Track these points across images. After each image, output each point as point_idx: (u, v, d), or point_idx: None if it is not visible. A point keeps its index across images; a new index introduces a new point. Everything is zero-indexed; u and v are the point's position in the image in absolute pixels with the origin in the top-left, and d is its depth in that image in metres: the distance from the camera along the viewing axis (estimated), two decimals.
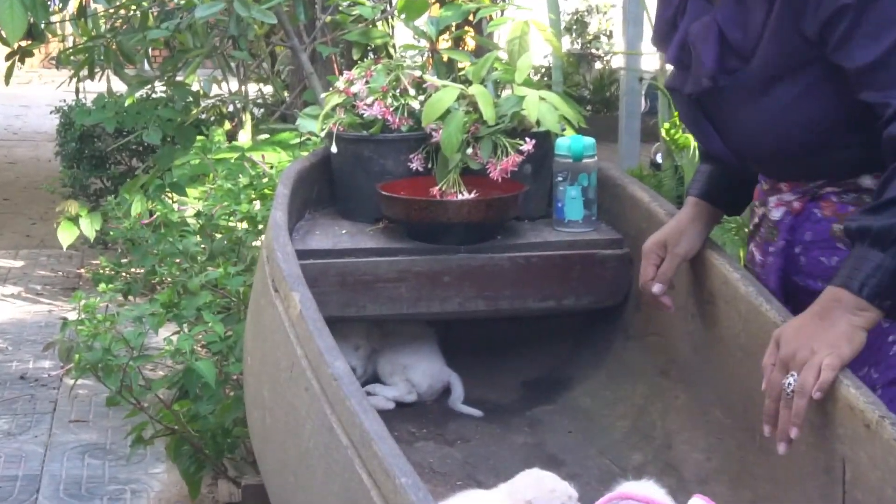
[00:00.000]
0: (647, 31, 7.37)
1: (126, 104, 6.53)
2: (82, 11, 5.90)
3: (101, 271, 4.04)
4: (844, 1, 2.12)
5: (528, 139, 2.98)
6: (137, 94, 6.40)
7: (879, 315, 2.12)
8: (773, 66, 2.25)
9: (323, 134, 3.17)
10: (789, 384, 2.12)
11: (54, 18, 6.38)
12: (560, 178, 3.00)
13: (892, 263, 2.08)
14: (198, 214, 3.96)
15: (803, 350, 2.12)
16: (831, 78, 2.21)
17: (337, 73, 5.50)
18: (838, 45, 2.15)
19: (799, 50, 2.22)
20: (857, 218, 2.14)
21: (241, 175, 4.11)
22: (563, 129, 3.10)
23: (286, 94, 6.44)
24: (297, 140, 4.63)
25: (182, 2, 5.16)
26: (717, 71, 2.35)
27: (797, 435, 2.11)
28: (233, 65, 6.20)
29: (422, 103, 3.09)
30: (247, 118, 5.87)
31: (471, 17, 4.11)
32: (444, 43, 4.34)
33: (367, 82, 3.16)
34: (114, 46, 5.56)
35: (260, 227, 3.76)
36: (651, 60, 7.78)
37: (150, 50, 6.19)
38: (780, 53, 2.24)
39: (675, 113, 5.01)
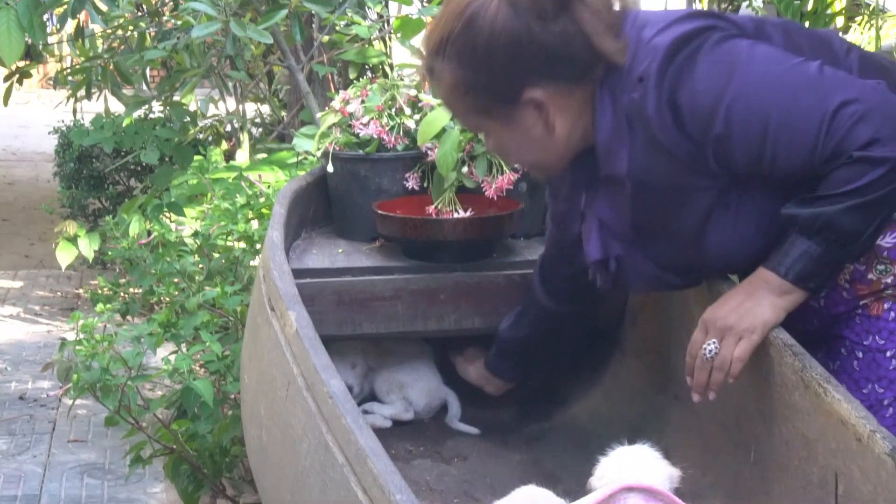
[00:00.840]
0: None
1: (124, 124, 6.54)
2: (80, 32, 5.91)
3: (100, 291, 4.04)
4: (713, 134, 2.25)
5: None
6: (135, 115, 6.41)
7: (803, 296, 2.31)
8: (708, 204, 2.36)
9: (319, 153, 3.19)
10: (710, 350, 2.35)
11: (52, 39, 6.39)
12: None
13: (817, 250, 2.26)
14: (195, 234, 3.97)
15: (727, 322, 2.33)
16: (756, 190, 2.34)
17: (333, 92, 5.52)
18: (739, 161, 2.28)
19: (708, 189, 2.34)
20: (790, 206, 2.28)
21: (238, 195, 4.12)
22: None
23: (283, 113, 6.45)
24: (294, 159, 4.64)
25: (179, 22, 5.17)
26: (603, 261, 2.51)
27: (713, 398, 2.39)
28: (230, 84, 6.22)
29: (417, 122, 3.10)
30: (244, 138, 5.88)
31: None
32: None
33: (362, 101, 3.17)
34: (111, 67, 5.56)
35: (257, 246, 3.76)
36: None
37: (147, 70, 6.21)
38: (708, 197, 2.35)
39: None
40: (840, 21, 5.99)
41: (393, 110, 3.15)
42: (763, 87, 2.24)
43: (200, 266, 3.89)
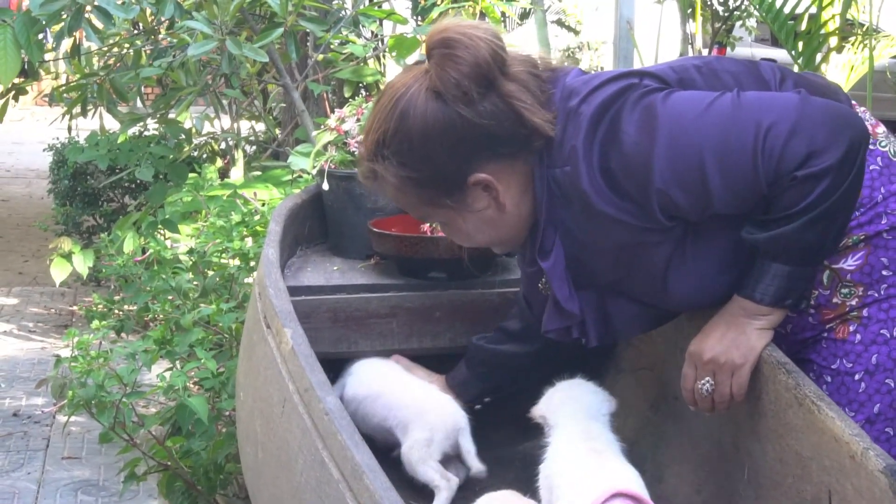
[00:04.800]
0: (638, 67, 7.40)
1: (119, 141, 6.55)
2: (76, 49, 5.92)
3: (95, 308, 4.05)
4: (654, 188, 2.26)
5: None
6: (130, 132, 6.42)
7: (784, 314, 2.34)
8: (665, 257, 2.37)
9: (314, 171, 3.20)
10: (706, 389, 2.38)
11: (47, 56, 6.40)
12: None
13: (783, 270, 2.27)
14: (190, 251, 3.97)
15: (714, 356, 2.36)
16: (711, 232, 2.35)
17: (328, 110, 5.53)
18: (684, 208, 2.29)
19: (664, 241, 2.35)
20: (751, 231, 2.29)
21: (233, 212, 4.13)
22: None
23: (278, 131, 6.46)
24: (289, 177, 4.65)
25: (174, 40, 5.19)
26: (566, 331, 2.54)
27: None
28: (225, 102, 6.23)
29: None
30: (239, 155, 5.89)
31: None
32: None
33: (358, 120, 3.18)
34: (107, 84, 5.57)
35: (252, 263, 3.77)
36: None
37: (142, 88, 6.22)
38: (665, 249, 2.36)
39: None
40: (833, 41, 6.01)
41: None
42: (687, 133, 2.24)
43: (195, 283, 3.90)
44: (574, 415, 2.38)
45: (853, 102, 2.49)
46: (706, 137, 2.23)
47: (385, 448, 2.77)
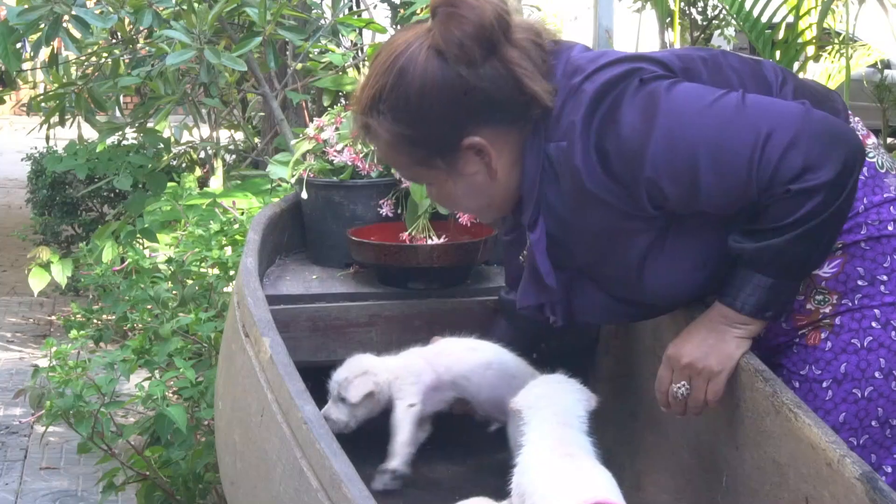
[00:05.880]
0: None
1: (97, 151, 6.53)
2: (54, 59, 5.91)
3: (73, 318, 4.04)
4: (644, 177, 2.26)
5: None
6: (109, 141, 6.40)
7: (763, 325, 2.34)
8: (646, 245, 2.37)
9: (293, 180, 3.20)
10: (681, 393, 2.38)
11: (25, 66, 6.39)
12: None
13: (766, 281, 2.28)
14: (169, 261, 3.97)
15: (692, 360, 2.36)
16: (693, 227, 2.36)
17: (307, 119, 5.53)
18: (672, 200, 2.28)
19: (645, 231, 2.36)
20: (738, 239, 2.29)
21: (212, 221, 4.13)
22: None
23: (257, 140, 6.46)
24: (268, 186, 4.65)
25: (153, 49, 5.18)
26: (538, 308, 2.53)
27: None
28: (204, 111, 6.23)
29: None
30: (218, 164, 5.89)
31: None
32: None
33: (336, 129, 3.19)
34: (85, 93, 5.56)
35: (231, 273, 3.77)
36: None
37: (121, 97, 6.21)
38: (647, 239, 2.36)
39: None
40: (811, 50, 6.04)
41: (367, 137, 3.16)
42: (686, 126, 2.24)
43: (174, 293, 3.89)
44: (549, 417, 2.38)
45: (849, 112, 2.49)
46: (705, 134, 2.23)
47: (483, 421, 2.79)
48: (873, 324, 2.38)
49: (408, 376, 2.67)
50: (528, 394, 2.45)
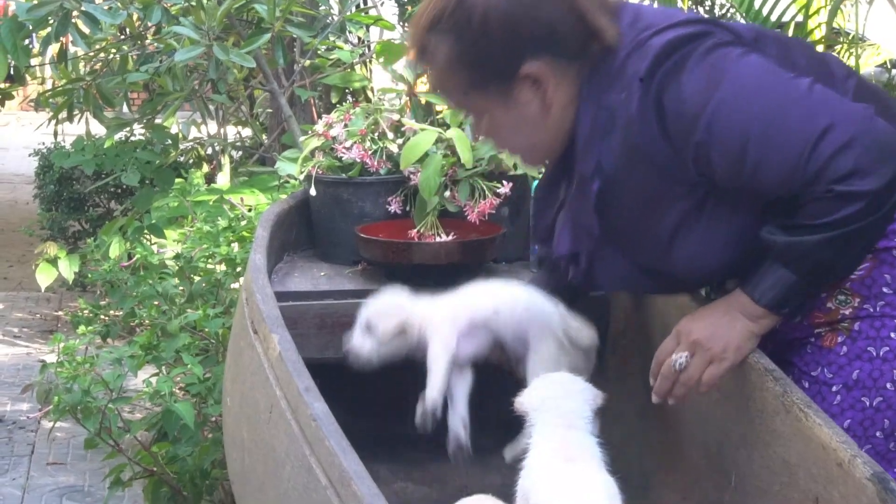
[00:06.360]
0: None
1: (105, 147, 6.54)
2: (62, 54, 5.91)
3: (80, 313, 4.04)
4: (695, 140, 2.24)
5: (505, 182, 3.02)
6: (116, 137, 6.40)
7: (777, 321, 2.32)
8: (679, 214, 2.35)
9: (302, 177, 3.20)
10: (679, 363, 2.36)
11: (34, 61, 6.39)
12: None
13: (791, 279, 2.26)
14: (177, 257, 3.97)
15: (700, 336, 2.35)
16: (730, 203, 2.33)
17: (315, 116, 5.53)
18: (719, 172, 2.26)
19: (684, 198, 2.33)
20: (771, 231, 2.27)
21: (219, 217, 4.13)
22: (541, 172, 3.12)
23: (265, 136, 6.46)
24: (276, 183, 4.65)
25: (161, 46, 5.18)
26: (573, 256, 2.51)
27: (672, 403, 2.43)
28: (212, 108, 6.22)
29: (400, 146, 3.12)
30: (225, 161, 5.88)
31: None
32: (423, 86, 4.37)
33: (345, 126, 3.19)
34: (93, 89, 5.56)
35: (239, 269, 3.77)
36: None
37: (129, 93, 6.21)
38: (677, 210, 2.35)
39: None
40: (819, 49, 6.03)
41: (376, 134, 3.16)
42: (749, 99, 2.22)
43: (182, 289, 3.89)
44: (555, 420, 2.36)
45: None
46: (765, 111, 2.21)
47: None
48: (892, 334, 2.35)
49: (441, 318, 2.62)
50: (533, 395, 2.43)
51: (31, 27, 4.93)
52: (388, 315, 2.60)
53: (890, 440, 2.36)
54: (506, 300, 2.64)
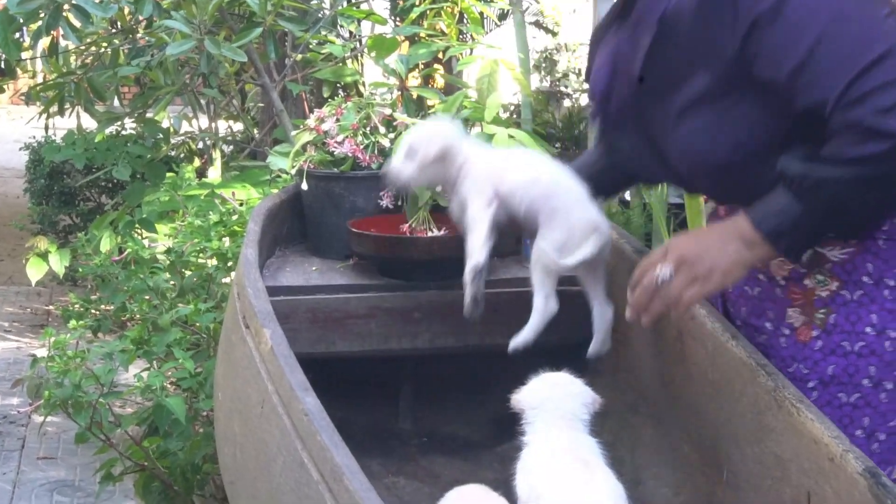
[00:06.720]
0: None
1: (96, 140, 6.53)
2: (53, 48, 5.90)
3: (71, 308, 4.04)
4: (758, 11, 2.17)
5: None
6: (107, 131, 6.40)
7: (772, 254, 2.25)
8: (702, 87, 2.29)
9: (293, 171, 3.19)
10: (662, 276, 2.29)
11: (24, 55, 6.38)
12: None
13: (797, 210, 2.19)
14: (168, 251, 3.97)
15: (688, 252, 2.29)
16: (749, 100, 2.26)
17: (307, 110, 5.53)
18: (763, 56, 2.19)
19: (725, 72, 2.26)
20: (788, 160, 2.21)
21: (211, 212, 4.12)
22: None
23: (256, 131, 6.46)
24: (268, 177, 4.65)
25: (153, 39, 5.18)
26: (605, 95, 2.47)
27: (646, 324, 2.41)
28: (203, 102, 6.22)
29: (392, 141, 3.11)
30: (217, 155, 5.88)
31: (440, 56, 4.14)
32: (414, 81, 4.37)
33: (337, 120, 3.18)
34: (84, 83, 5.56)
35: (230, 263, 3.77)
36: None
37: (120, 87, 6.21)
38: (705, 76, 2.28)
39: None
40: None
41: (368, 129, 3.16)
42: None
43: (173, 283, 3.89)
44: (555, 419, 2.36)
45: None
46: (836, 16, 2.14)
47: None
48: (867, 329, 2.33)
49: (483, 174, 2.62)
50: (531, 394, 2.42)
51: (21, 20, 4.91)
52: (430, 140, 2.63)
53: (872, 440, 2.35)
54: (525, 180, 2.62)
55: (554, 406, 2.35)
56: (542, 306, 2.57)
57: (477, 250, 2.59)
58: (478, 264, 2.59)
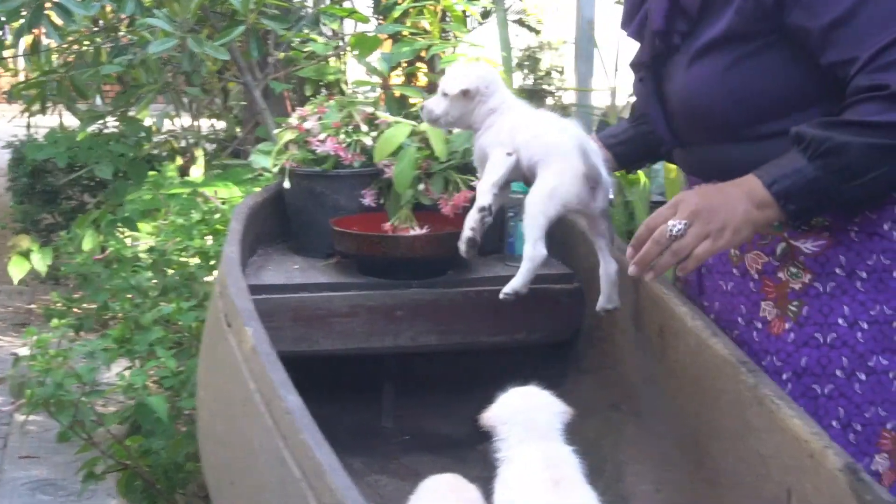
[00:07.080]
0: (599, 68, 7.43)
1: (78, 139, 6.52)
2: (35, 46, 5.89)
3: (53, 306, 4.03)
4: None
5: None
6: (90, 129, 6.39)
7: (780, 216, 2.22)
8: (722, 30, 2.30)
9: (276, 170, 3.19)
10: (677, 229, 2.24)
11: (6, 53, 6.37)
12: (511, 214, 3.03)
13: (811, 173, 2.17)
14: (150, 250, 3.96)
15: (700, 206, 2.24)
16: (778, 50, 2.27)
17: (289, 109, 5.52)
18: (803, 3, 2.20)
19: (753, 14, 2.27)
20: (807, 125, 2.20)
21: (193, 210, 4.12)
22: None
23: (238, 129, 6.45)
24: (250, 176, 4.64)
25: (135, 38, 5.17)
26: (666, 32, 2.44)
27: (650, 279, 2.37)
28: (185, 100, 6.21)
29: (374, 139, 3.11)
30: (199, 153, 5.87)
31: (423, 54, 4.14)
32: (397, 79, 4.38)
33: (319, 118, 3.18)
34: (66, 81, 5.55)
35: (212, 262, 3.76)
36: (602, 97, 7.84)
37: (102, 85, 6.20)
38: (731, 18, 2.29)
39: None
40: None
41: (350, 127, 3.15)
42: None
43: (155, 282, 3.89)
44: (527, 432, 2.33)
45: None
46: None
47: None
48: (840, 321, 2.34)
49: (506, 127, 2.67)
50: (502, 409, 2.39)
51: (3, 18, 4.90)
52: (460, 78, 2.70)
53: (848, 431, 2.36)
54: (533, 135, 2.65)
55: (526, 417, 2.34)
56: (531, 252, 2.57)
57: (484, 193, 2.65)
58: (483, 205, 2.64)
